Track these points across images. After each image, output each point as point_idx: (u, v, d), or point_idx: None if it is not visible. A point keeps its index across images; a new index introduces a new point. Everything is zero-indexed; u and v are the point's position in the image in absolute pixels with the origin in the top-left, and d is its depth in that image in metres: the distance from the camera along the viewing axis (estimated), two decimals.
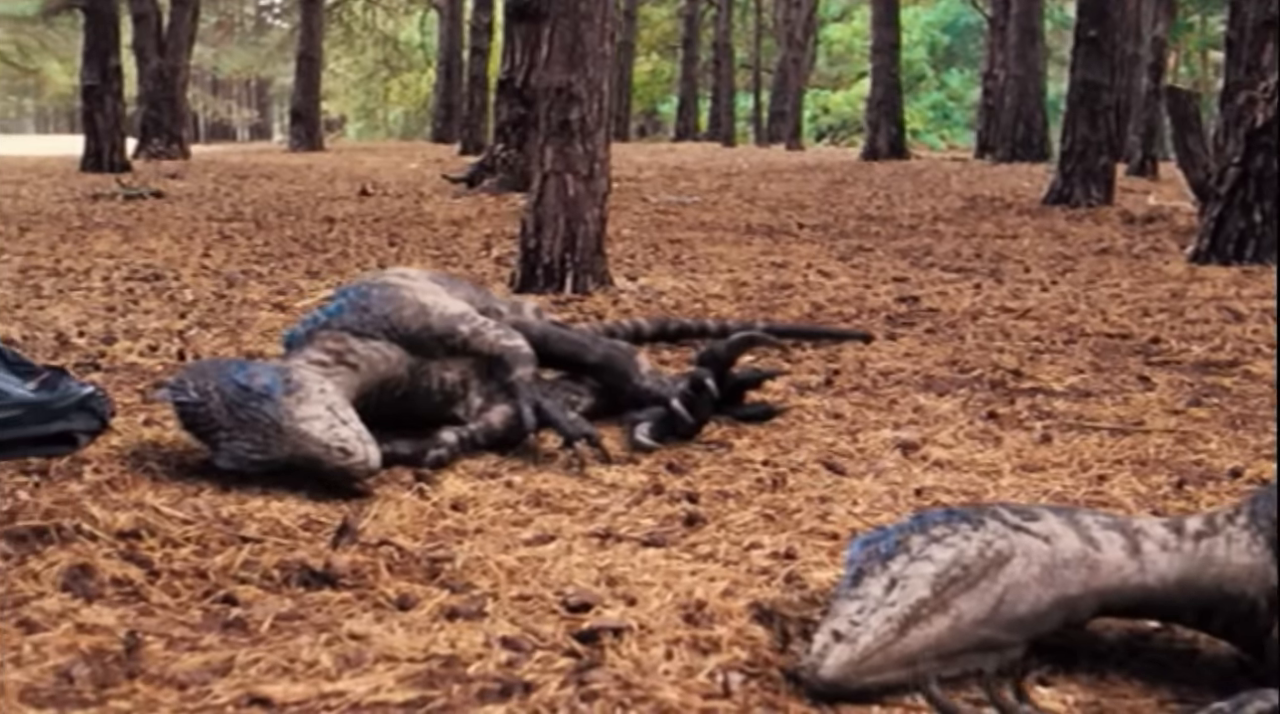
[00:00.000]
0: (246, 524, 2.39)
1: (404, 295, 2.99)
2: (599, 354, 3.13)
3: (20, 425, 2.81)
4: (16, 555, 2.20)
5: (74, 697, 1.68)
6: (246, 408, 2.63)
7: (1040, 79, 16.45)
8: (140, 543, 2.28)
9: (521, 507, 2.55)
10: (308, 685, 1.70)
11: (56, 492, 2.57)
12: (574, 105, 4.93)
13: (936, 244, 7.28)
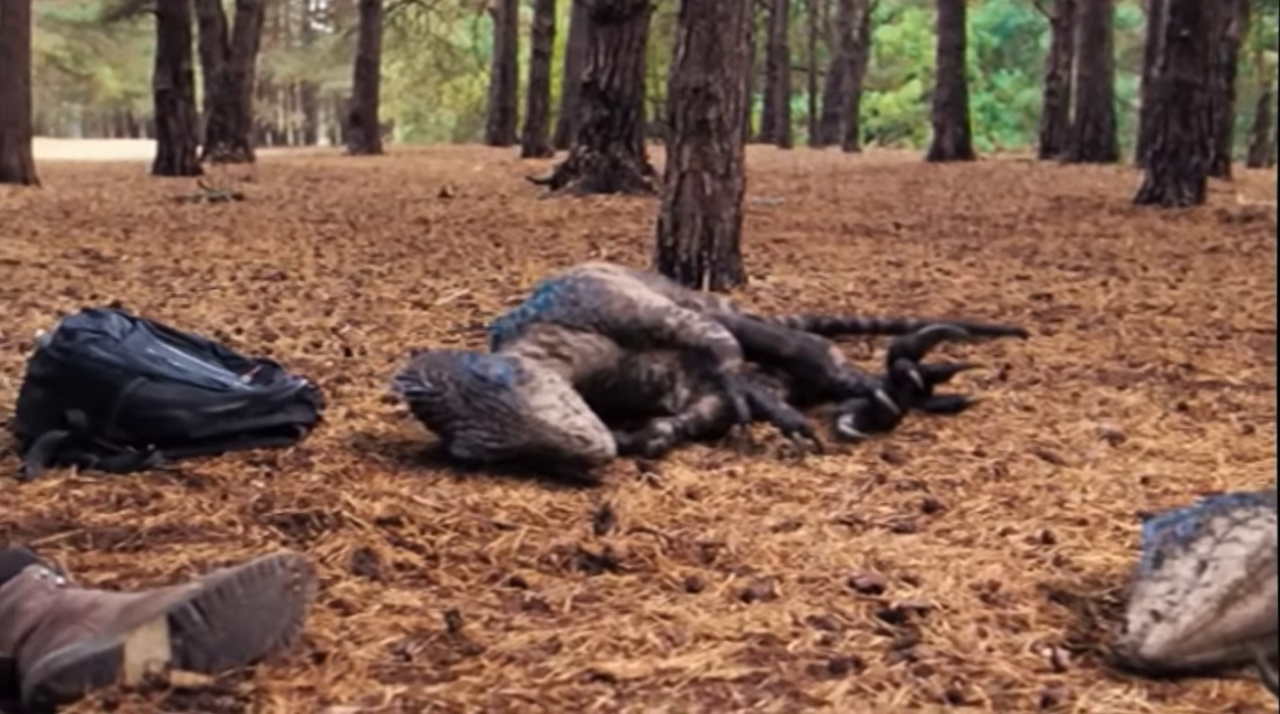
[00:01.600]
0: (495, 511, 2.44)
1: (610, 289, 3.04)
2: (794, 347, 3.17)
3: (243, 417, 2.87)
4: (294, 541, 2.26)
5: (418, 673, 1.73)
6: (483, 397, 2.69)
7: (1108, 80, 16.41)
8: (401, 529, 2.33)
9: (754, 495, 2.58)
10: (642, 662, 1.74)
11: (293, 481, 2.62)
12: (711, 105, 4.97)
13: (1040, 243, 7.29)
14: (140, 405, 2.78)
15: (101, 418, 2.76)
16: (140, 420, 2.78)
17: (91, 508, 2.43)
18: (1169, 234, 7.49)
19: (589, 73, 10.95)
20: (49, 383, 2.81)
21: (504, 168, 17.72)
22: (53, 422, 2.76)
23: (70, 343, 2.82)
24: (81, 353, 2.81)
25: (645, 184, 10.87)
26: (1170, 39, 8.72)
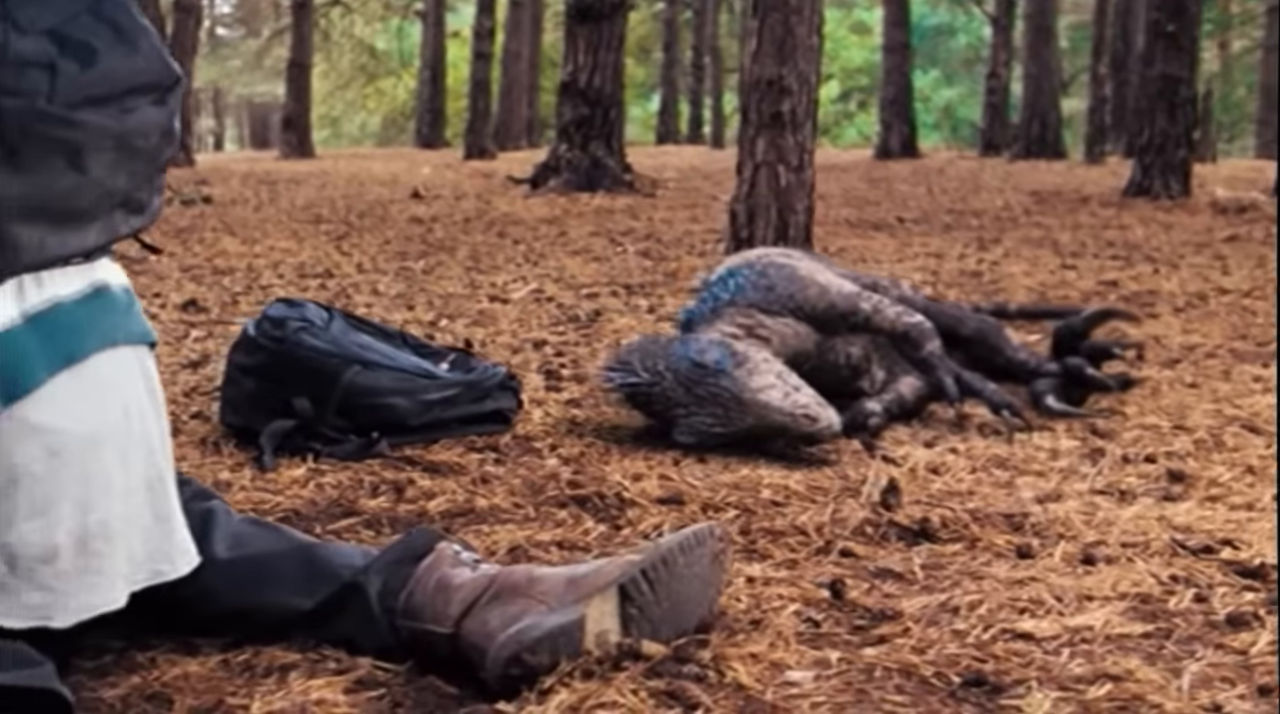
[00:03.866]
0: (759, 490, 2.47)
1: (802, 274, 3.07)
2: (972, 327, 3.23)
3: (455, 405, 2.86)
4: (606, 521, 2.27)
5: (840, 639, 1.75)
6: (704, 384, 2.71)
7: (1054, 76, 16.74)
8: (685, 507, 2.35)
9: (992, 470, 2.63)
10: (1049, 622, 1.78)
11: (534, 466, 2.63)
12: (785, 97, 5.02)
13: (1052, 234, 7.43)
14: (359, 393, 2.77)
15: (321, 406, 2.74)
16: (359, 408, 2.76)
17: (358, 494, 2.41)
18: (1174, 225, 7.68)
19: (568, 72, 10.95)
20: (262, 372, 2.78)
21: (451, 169, 17.60)
22: (270, 411, 2.73)
23: (281, 332, 2.79)
24: (295, 342, 2.78)
25: (627, 183, 10.90)
26: (1156, 34, 8.94)
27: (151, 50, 1.54)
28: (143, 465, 1.59)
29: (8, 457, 1.46)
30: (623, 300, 4.94)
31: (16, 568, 1.47)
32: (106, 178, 1.50)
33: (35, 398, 1.47)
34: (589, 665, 1.57)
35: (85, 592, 1.52)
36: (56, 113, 1.41)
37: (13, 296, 1.48)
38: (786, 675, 1.62)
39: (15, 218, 1.42)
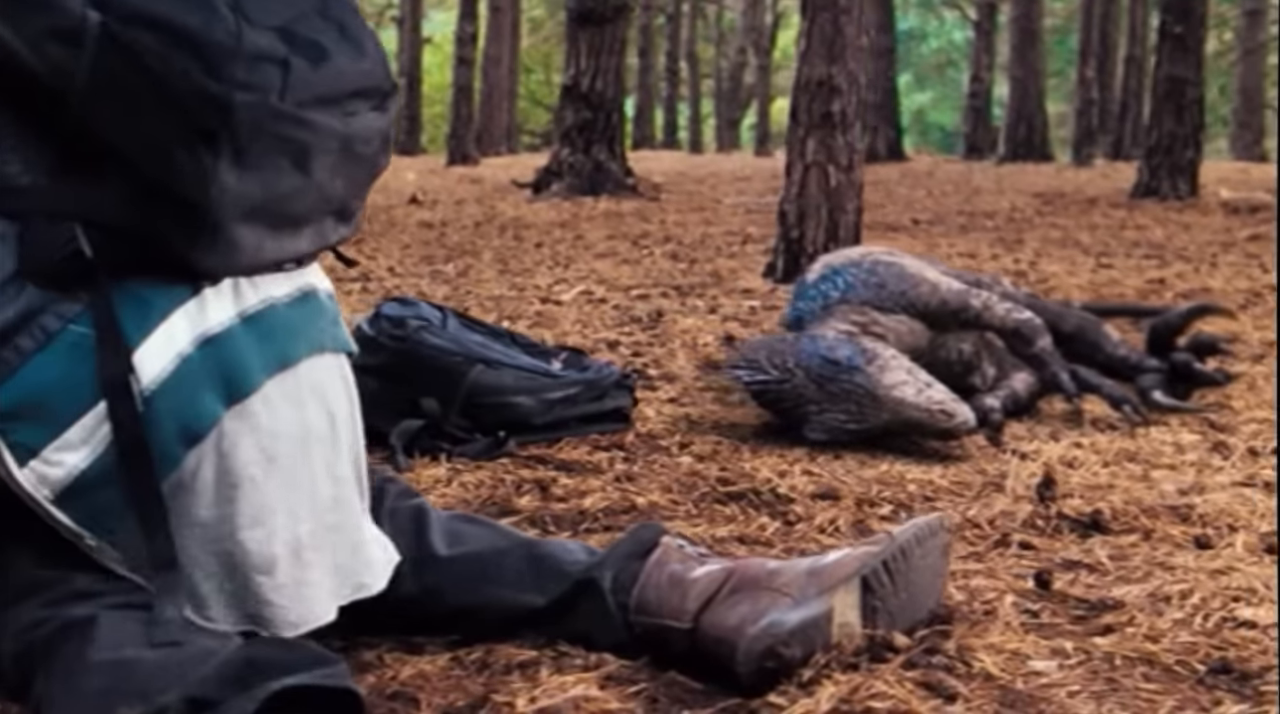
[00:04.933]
0: (904, 485, 2.46)
1: (912, 272, 3.06)
2: (1073, 323, 3.23)
3: (576, 403, 2.85)
4: (778, 517, 2.25)
5: (1066, 629, 1.74)
6: (837, 381, 2.71)
7: (1040, 79, 16.84)
8: (839, 503, 2.34)
9: (1125, 464, 2.64)
10: (1268, 609, 1.78)
11: (670, 464, 2.62)
12: (835, 97, 5.02)
13: (1072, 235, 7.46)
14: (484, 392, 2.74)
15: (446, 405, 2.71)
16: (484, 407, 2.74)
17: (508, 493, 2.39)
18: (1191, 225, 7.74)
19: (570, 75, 10.93)
20: (385, 372, 2.74)
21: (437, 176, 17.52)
22: (393, 410, 2.70)
23: (403, 331, 2.77)
24: (418, 341, 2.76)
25: (630, 187, 10.88)
26: (1163, 36, 9.01)
27: (377, 54, 1.51)
28: (348, 475, 1.57)
29: (228, 460, 1.43)
30: (676, 301, 4.93)
31: (235, 577, 1.45)
32: (326, 182, 1.47)
33: (255, 401, 1.44)
34: (843, 658, 1.56)
35: (300, 605, 1.49)
36: (288, 110, 1.38)
37: (230, 297, 1.46)
38: (1031, 665, 1.61)
39: (238, 217, 1.39)
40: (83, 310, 1.39)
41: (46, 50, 1.34)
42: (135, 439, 1.39)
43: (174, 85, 1.33)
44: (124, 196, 1.39)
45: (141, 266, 1.41)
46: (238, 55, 1.34)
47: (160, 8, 1.33)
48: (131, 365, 1.38)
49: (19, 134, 1.41)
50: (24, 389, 1.38)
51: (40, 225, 1.40)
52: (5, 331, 1.38)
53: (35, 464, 1.40)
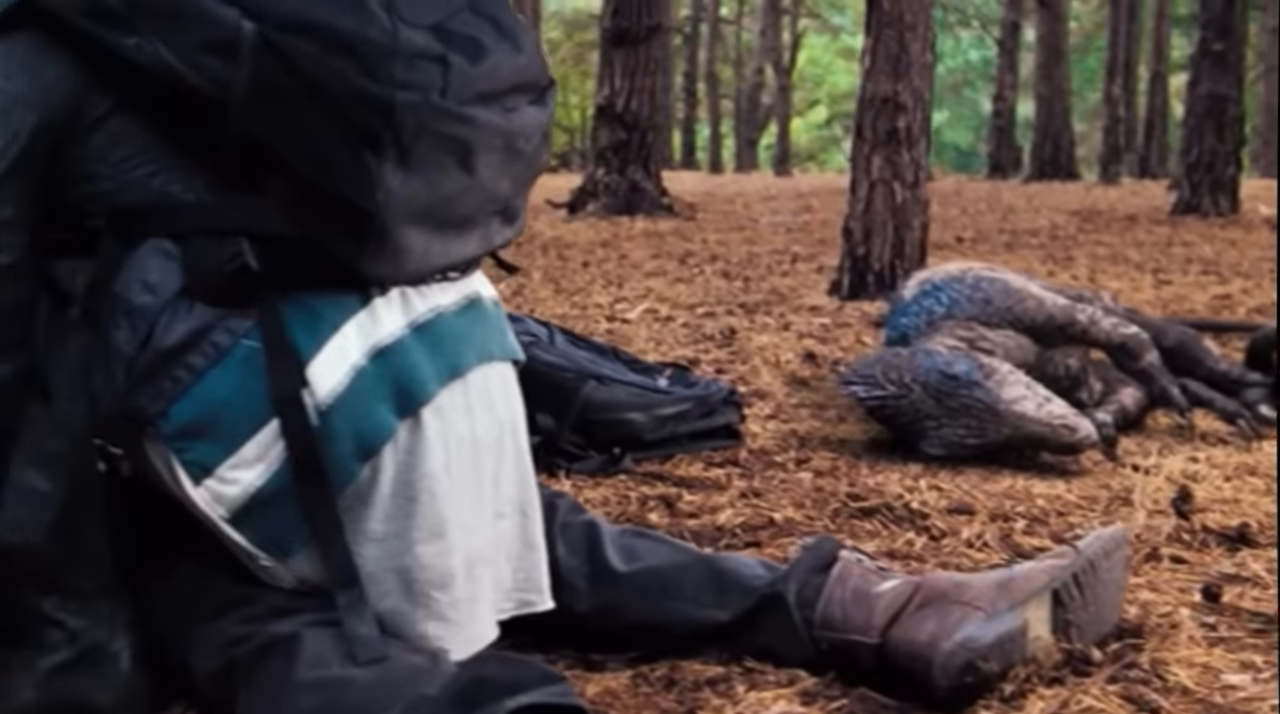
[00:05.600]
0: (1033, 500, 2.44)
1: (1016, 287, 3.05)
2: (1174, 338, 3.21)
3: (687, 420, 2.83)
4: (928, 533, 2.24)
5: (1249, 642, 1.72)
6: (956, 396, 2.69)
7: (1066, 98, 16.84)
8: (970, 517, 2.32)
9: (1246, 477, 2.62)
10: None
11: (793, 479, 2.60)
12: (900, 114, 5.02)
13: (1121, 252, 7.44)
14: (597, 408, 2.73)
15: (560, 422, 2.70)
16: (597, 424, 2.72)
17: (637, 509, 2.38)
18: (1239, 242, 7.71)
19: (604, 96, 10.94)
20: None
21: None
22: None
23: None
24: (530, 357, 2.72)
25: (665, 206, 10.89)
26: (1203, 53, 9.00)
27: (531, 48, 1.49)
28: (515, 487, 1.54)
29: (405, 473, 1.41)
30: (744, 319, 4.91)
31: (412, 593, 1.43)
32: (491, 181, 1.44)
33: (428, 412, 1.42)
34: (1044, 672, 1.54)
35: (474, 622, 1.47)
36: (451, 108, 1.35)
37: (399, 306, 1.43)
38: (1225, 679, 1.59)
39: (405, 220, 1.36)
40: (253, 325, 1.37)
41: (203, 63, 1.32)
42: (310, 455, 1.36)
43: (333, 89, 1.30)
44: (287, 207, 1.36)
45: (309, 278, 1.39)
46: (395, 55, 1.31)
47: (314, 12, 1.32)
48: (305, 379, 1.36)
49: (177, 151, 1.39)
50: (198, 406, 1.37)
51: (204, 242, 1.38)
52: (176, 349, 1.36)
53: (210, 482, 1.38)
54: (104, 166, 1.39)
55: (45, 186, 1.39)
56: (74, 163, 1.39)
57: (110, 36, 1.34)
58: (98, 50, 1.35)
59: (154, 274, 1.37)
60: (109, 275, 1.39)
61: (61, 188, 1.40)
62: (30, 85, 1.36)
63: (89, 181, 1.39)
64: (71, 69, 1.37)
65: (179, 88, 1.33)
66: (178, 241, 1.38)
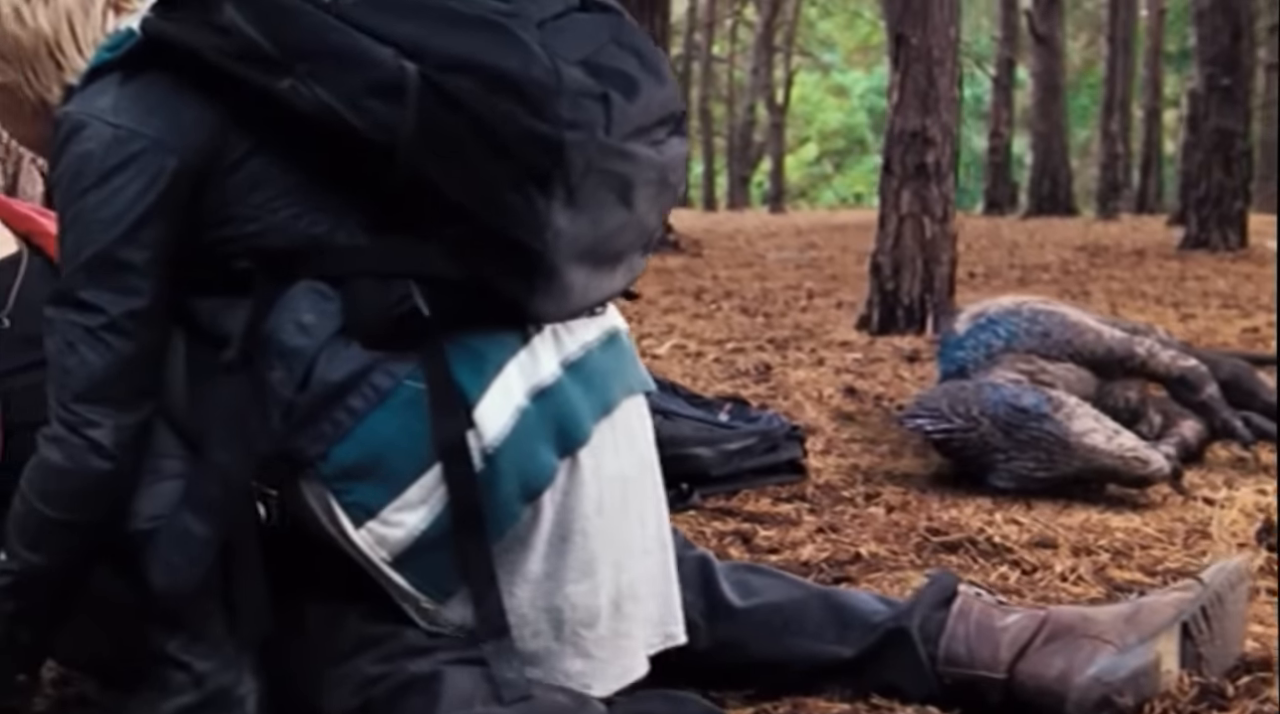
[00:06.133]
0: (1111, 533, 2.43)
1: (1073, 320, 3.05)
2: (1228, 371, 3.21)
3: (752, 455, 2.82)
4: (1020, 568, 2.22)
5: None
6: (1025, 428, 2.68)
7: (1063, 134, 16.92)
8: (1054, 551, 2.31)
9: None
10: None
11: (867, 514, 2.58)
12: (929, 149, 5.03)
13: (1138, 287, 7.44)
14: (663, 444, 2.62)
15: None
16: (664, 459, 2.66)
17: (712, 545, 2.36)
18: (1252, 276, 7.73)
19: None
20: None
21: None
22: None
23: None
24: None
25: (672, 242, 10.86)
26: (1210, 88, 9.05)
27: (672, 78, 1.49)
28: (655, 521, 1.53)
29: (562, 513, 1.39)
30: (775, 355, 4.90)
31: (561, 633, 1.41)
32: (645, 216, 1.43)
33: (587, 451, 1.40)
34: (1180, 706, 1.52)
35: (620, 657, 1.45)
36: (614, 145, 1.34)
37: (551, 345, 1.41)
38: None
39: (571, 258, 1.35)
40: (415, 367, 1.35)
41: (367, 107, 1.30)
42: (472, 499, 1.34)
43: (501, 130, 1.29)
44: (450, 249, 1.34)
45: (470, 318, 1.37)
46: (560, 94, 1.30)
47: (474, 51, 1.30)
48: (472, 422, 1.34)
49: (323, 193, 1.38)
50: (360, 449, 1.35)
51: (366, 284, 1.36)
52: (336, 392, 1.34)
53: (373, 525, 1.36)
54: (245, 208, 1.37)
55: (184, 229, 1.37)
56: (213, 205, 1.37)
57: (262, 79, 1.32)
58: (244, 93, 1.33)
59: (309, 316, 1.35)
60: (262, 318, 1.36)
61: (200, 230, 1.38)
62: (168, 127, 1.35)
63: (229, 224, 1.38)
64: (210, 111, 1.36)
65: (337, 130, 1.31)
66: (333, 283, 1.36)
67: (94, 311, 1.35)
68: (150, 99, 1.36)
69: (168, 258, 1.37)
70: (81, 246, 1.36)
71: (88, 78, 1.41)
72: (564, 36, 1.35)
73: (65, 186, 1.37)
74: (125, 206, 1.34)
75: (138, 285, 1.35)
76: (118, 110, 1.35)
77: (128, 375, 1.37)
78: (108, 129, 1.35)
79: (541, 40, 1.32)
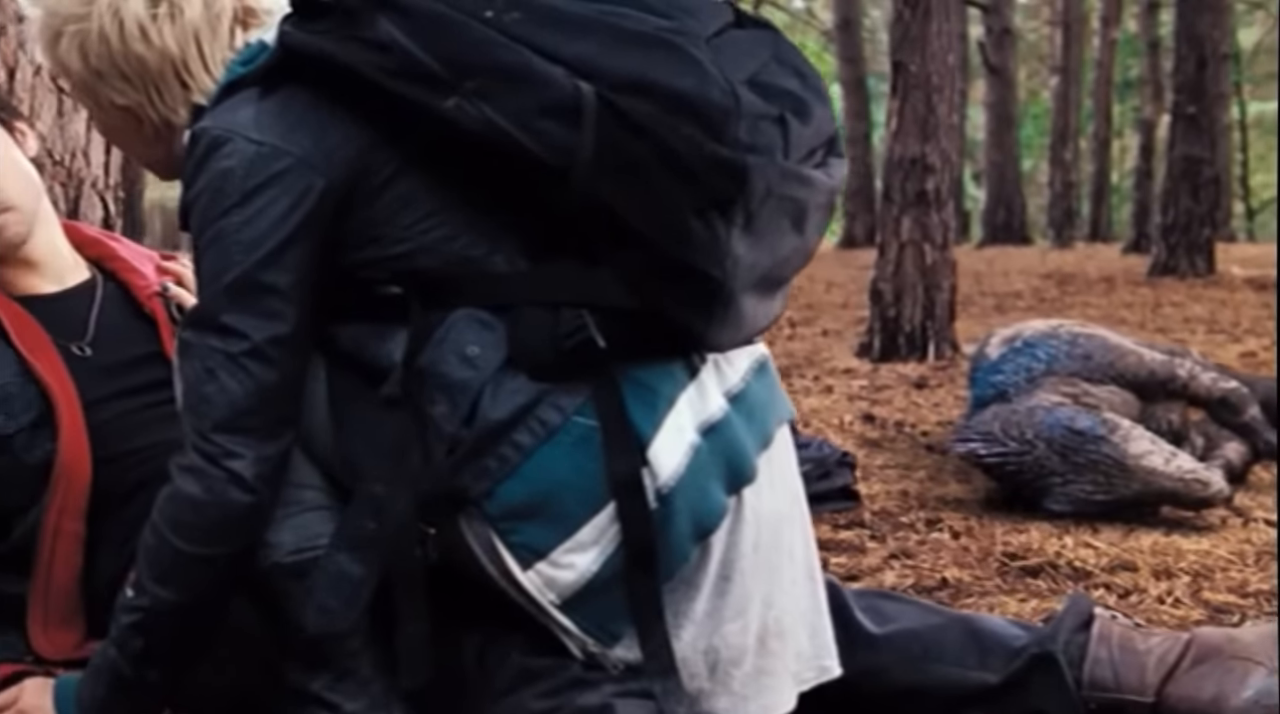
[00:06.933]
0: (1181, 556, 2.42)
1: (1115, 342, 3.06)
2: (1261, 391, 3.22)
3: (809, 482, 2.76)
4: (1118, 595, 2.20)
5: None
6: (1083, 451, 2.67)
7: (1017, 164, 17.09)
8: (1136, 573, 2.30)
9: None
10: None
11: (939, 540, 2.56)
12: (929, 176, 5.05)
13: (1116, 313, 7.48)
14: None
15: None
16: None
17: None
18: (1228, 302, 7.81)
19: None
20: None
21: None
22: None
23: None
24: None
25: None
26: (1177, 116, 9.16)
27: (830, 98, 1.44)
28: (803, 552, 1.49)
29: (727, 551, 1.35)
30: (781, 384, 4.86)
31: (715, 673, 1.36)
32: (811, 240, 1.38)
33: (750, 487, 1.36)
34: None
35: (761, 694, 1.41)
36: (793, 169, 1.29)
37: (714, 376, 1.35)
38: None
39: (747, 287, 1.29)
40: (584, 401, 1.29)
41: (540, 128, 1.24)
42: (646, 540, 1.29)
43: (682, 153, 1.23)
44: (623, 276, 1.28)
45: (641, 349, 1.31)
46: (740, 116, 1.25)
47: (648, 71, 1.25)
48: (646, 460, 1.29)
49: (476, 215, 1.32)
50: (528, 487, 1.29)
51: (535, 313, 1.30)
52: (503, 427, 1.28)
53: (542, 566, 1.30)
54: (393, 229, 1.31)
55: (327, 252, 1.32)
56: (358, 226, 1.32)
57: (424, 97, 1.25)
58: (398, 111, 1.27)
59: (473, 346, 1.29)
60: (420, 347, 1.31)
61: (340, 252, 1.32)
62: (313, 144, 1.29)
63: (374, 245, 1.32)
64: (356, 128, 1.30)
65: (505, 151, 1.25)
66: (495, 311, 1.30)
67: (236, 337, 1.30)
68: (293, 115, 1.30)
69: (311, 281, 1.31)
70: (223, 268, 1.30)
71: (222, 93, 1.35)
72: (728, 54, 1.29)
73: (204, 205, 1.31)
74: (269, 227, 1.29)
75: (281, 310, 1.30)
76: (260, 126, 1.30)
77: (270, 404, 1.32)
78: (250, 145, 1.29)
79: (714, 60, 1.27)
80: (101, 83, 1.41)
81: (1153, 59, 15.36)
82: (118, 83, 1.41)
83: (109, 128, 1.51)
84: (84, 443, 1.66)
